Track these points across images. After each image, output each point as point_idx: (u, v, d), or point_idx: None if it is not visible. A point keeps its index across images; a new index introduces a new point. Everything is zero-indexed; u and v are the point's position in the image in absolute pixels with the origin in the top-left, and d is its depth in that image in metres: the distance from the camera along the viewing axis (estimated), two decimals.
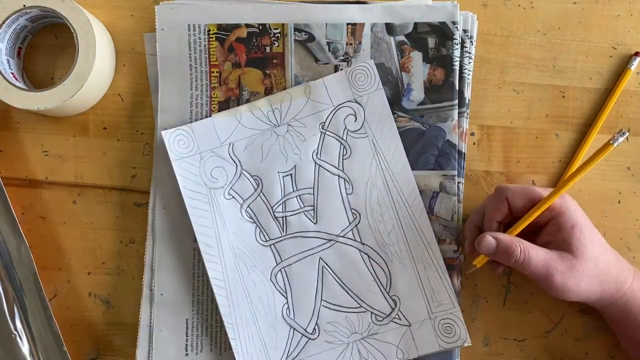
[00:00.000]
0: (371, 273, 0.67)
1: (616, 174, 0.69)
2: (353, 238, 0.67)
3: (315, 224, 0.67)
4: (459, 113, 0.67)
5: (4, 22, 0.64)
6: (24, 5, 0.64)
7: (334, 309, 0.67)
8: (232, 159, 0.68)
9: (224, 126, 0.68)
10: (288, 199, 0.68)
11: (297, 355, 0.66)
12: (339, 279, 0.67)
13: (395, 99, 0.68)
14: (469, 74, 0.68)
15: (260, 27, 0.68)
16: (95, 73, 0.65)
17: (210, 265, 0.66)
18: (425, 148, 0.67)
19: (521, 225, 0.62)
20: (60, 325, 0.67)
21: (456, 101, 0.67)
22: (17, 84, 0.65)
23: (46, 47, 0.70)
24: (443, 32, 0.68)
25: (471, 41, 0.68)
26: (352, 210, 0.67)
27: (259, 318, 0.66)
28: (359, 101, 0.68)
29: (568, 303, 0.68)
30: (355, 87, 0.68)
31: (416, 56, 0.68)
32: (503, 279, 0.69)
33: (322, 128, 0.68)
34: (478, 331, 0.68)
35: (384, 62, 0.68)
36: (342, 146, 0.68)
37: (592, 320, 0.67)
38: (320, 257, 0.67)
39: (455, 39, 0.67)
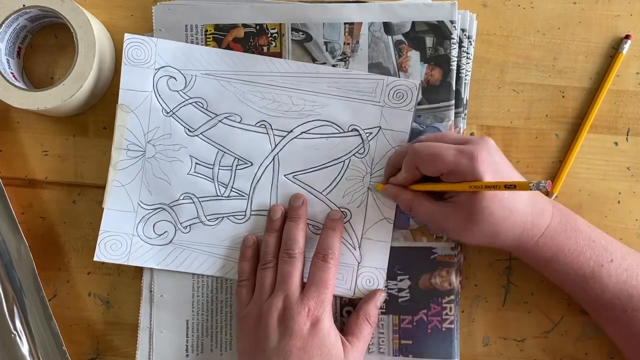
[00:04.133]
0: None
1: (616, 174, 0.69)
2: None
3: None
4: (455, 113, 0.67)
5: (3, 21, 0.64)
6: (24, 5, 0.64)
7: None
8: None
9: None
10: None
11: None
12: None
13: None
14: (466, 74, 0.68)
15: (258, 27, 0.68)
16: (95, 73, 0.65)
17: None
18: None
19: (424, 188, 0.63)
20: (59, 325, 0.67)
21: (453, 102, 0.67)
22: (17, 83, 0.65)
23: (46, 47, 0.70)
24: (441, 31, 0.67)
25: (469, 41, 0.68)
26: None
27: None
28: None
29: (568, 304, 0.68)
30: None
31: (414, 55, 0.68)
32: (503, 279, 0.69)
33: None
34: (478, 331, 0.68)
35: (381, 61, 0.68)
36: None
37: (592, 320, 0.67)
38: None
39: (453, 39, 0.67)
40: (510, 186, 0.53)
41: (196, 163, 0.68)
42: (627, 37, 0.69)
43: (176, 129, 0.68)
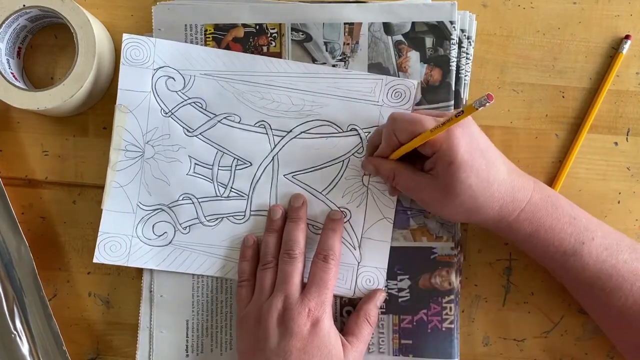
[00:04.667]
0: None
1: (616, 174, 0.69)
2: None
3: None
4: None
5: (3, 22, 0.65)
6: (24, 5, 0.64)
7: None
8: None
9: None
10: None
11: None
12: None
13: None
14: (466, 75, 0.68)
15: (257, 27, 0.68)
16: (95, 73, 0.65)
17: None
18: None
19: (399, 153, 0.62)
20: (59, 325, 0.67)
21: (452, 102, 0.67)
22: (17, 84, 0.65)
23: (46, 47, 0.70)
24: (441, 31, 0.67)
25: (469, 41, 0.68)
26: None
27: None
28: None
29: (568, 304, 0.68)
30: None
31: (413, 56, 0.68)
32: (503, 279, 0.69)
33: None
34: (478, 331, 0.68)
35: (381, 61, 0.68)
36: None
37: (592, 320, 0.67)
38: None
39: (453, 39, 0.67)
40: (458, 114, 0.55)
41: (195, 164, 0.68)
42: (627, 37, 0.69)
43: (175, 130, 0.68)
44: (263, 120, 0.68)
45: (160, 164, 0.67)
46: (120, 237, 0.67)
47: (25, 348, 0.66)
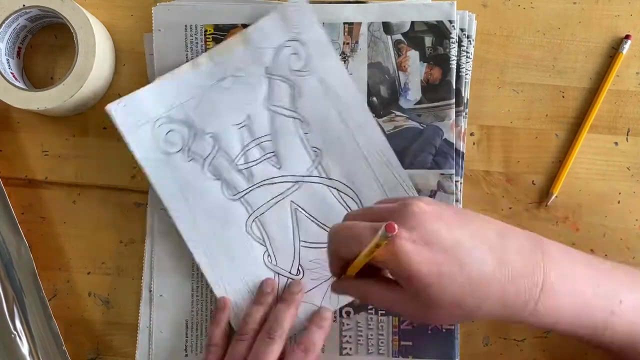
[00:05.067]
0: (343, 205, 0.67)
1: (616, 174, 0.69)
2: (319, 175, 0.67)
3: (279, 169, 0.68)
4: (456, 112, 0.67)
5: (3, 21, 0.65)
6: (24, 5, 0.65)
7: (314, 247, 0.67)
8: (184, 120, 0.67)
9: (169, 89, 0.67)
10: (248, 150, 0.68)
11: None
12: (313, 217, 0.67)
13: (393, 98, 0.68)
14: (466, 73, 0.68)
15: None
16: (95, 73, 0.65)
17: (183, 229, 0.66)
18: (423, 147, 0.67)
19: (354, 270, 0.53)
20: (59, 325, 0.67)
21: (453, 100, 0.67)
22: (17, 84, 0.65)
23: (46, 47, 0.70)
24: (440, 31, 0.67)
25: (469, 40, 0.68)
26: (313, 148, 0.68)
27: (244, 274, 0.67)
28: (298, 39, 0.68)
29: None
30: (291, 25, 0.67)
31: (413, 55, 0.68)
32: None
33: (267, 73, 0.68)
34: (478, 331, 0.68)
35: (381, 61, 0.68)
36: (291, 87, 0.68)
37: None
38: (291, 200, 0.67)
39: (452, 38, 0.67)
40: (378, 245, 0.46)
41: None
42: (627, 37, 0.69)
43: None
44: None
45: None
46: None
47: (25, 348, 0.66)
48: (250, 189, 0.67)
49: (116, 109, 0.66)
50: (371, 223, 0.50)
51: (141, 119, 0.67)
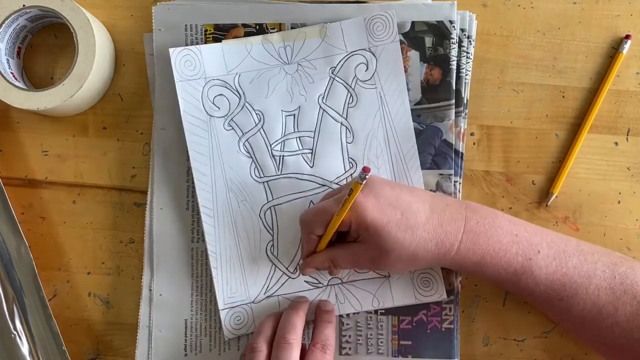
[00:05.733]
0: None
1: (616, 174, 0.69)
2: None
3: (311, 167, 0.68)
4: (456, 112, 0.67)
5: (3, 21, 0.65)
6: (24, 5, 0.65)
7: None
8: (236, 89, 0.68)
9: (233, 54, 0.68)
10: (287, 139, 0.68)
11: (275, 292, 0.67)
12: None
13: None
14: (466, 74, 0.68)
15: (257, 27, 0.68)
16: (95, 73, 0.65)
17: (201, 193, 0.67)
18: (422, 147, 0.67)
19: (323, 244, 0.63)
20: (59, 325, 0.67)
21: (453, 101, 0.67)
22: (17, 84, 0.65)
23: (46, 47, 0.70)
24: (440, 31, 0.67)
25: (469, 40, 0.68)
26: (350, 159, 0.68)
27: (242, 251, 0.67)
28: (372, 51, 0.68)
29: None
30: (371, 35, 0.67)
31: (413, 55, 0.68)
32: None
33: (332, 73, 0.68)
34: (478, 331, 0.68)
35: None
36: (349, 94, 0.68)
37: None
38: (311, 201, 0.67)
39: (453, 38, 0.67)
40: (349, 193, 0.57)
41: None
42: (627, 37, 0.69)
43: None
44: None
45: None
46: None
47: (25, 348, 0.66)
48: (278, 176, 0.68)
49: (177, 55, 0.67)
50: (332, 198, 0.62)
51: (197, 74, 0.67)
